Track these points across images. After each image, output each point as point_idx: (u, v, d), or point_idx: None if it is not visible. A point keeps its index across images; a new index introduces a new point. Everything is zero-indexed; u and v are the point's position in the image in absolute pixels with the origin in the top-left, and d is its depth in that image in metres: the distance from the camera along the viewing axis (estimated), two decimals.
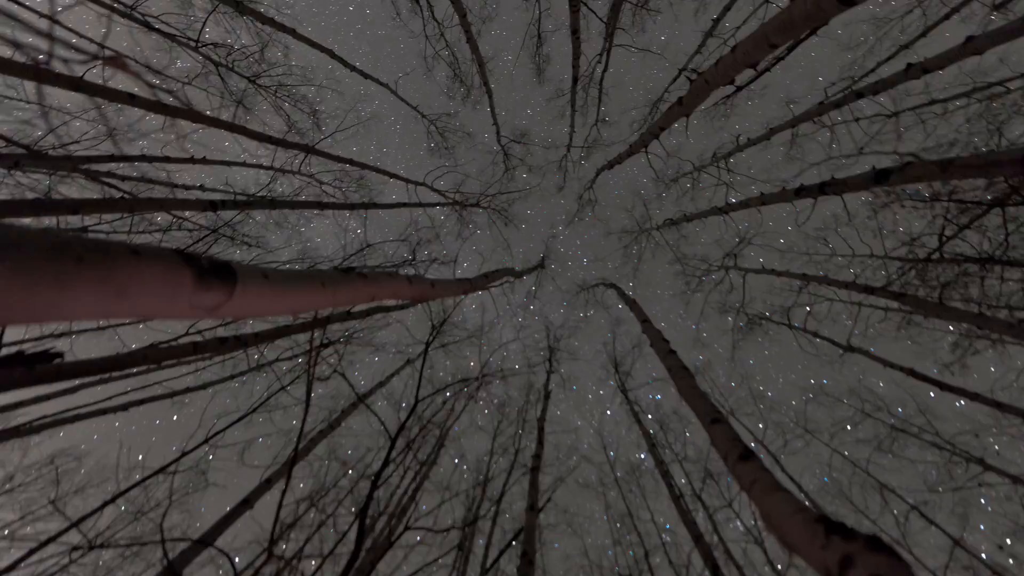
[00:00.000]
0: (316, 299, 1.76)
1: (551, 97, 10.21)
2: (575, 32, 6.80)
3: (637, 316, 5.44)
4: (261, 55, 8.77)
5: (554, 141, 11.40)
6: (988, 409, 9.34)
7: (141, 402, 9.08)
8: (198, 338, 4.74)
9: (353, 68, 8.45)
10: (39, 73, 4.51)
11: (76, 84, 4.81)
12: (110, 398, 8.81)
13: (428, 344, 4.79)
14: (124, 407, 8.81)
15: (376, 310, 7.03)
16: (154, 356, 3.66)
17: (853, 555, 1.33)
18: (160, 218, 9.33)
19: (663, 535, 10.67)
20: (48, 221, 8.79)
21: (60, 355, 4.08)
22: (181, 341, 4.15)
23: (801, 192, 5.67)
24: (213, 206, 5.33)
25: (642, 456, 11.97)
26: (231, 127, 6.41)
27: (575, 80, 7.60)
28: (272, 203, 6.20)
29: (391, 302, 7.77)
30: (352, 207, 7.86)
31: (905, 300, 6.08)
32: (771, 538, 10.42)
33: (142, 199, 4.68)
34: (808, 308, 10.59)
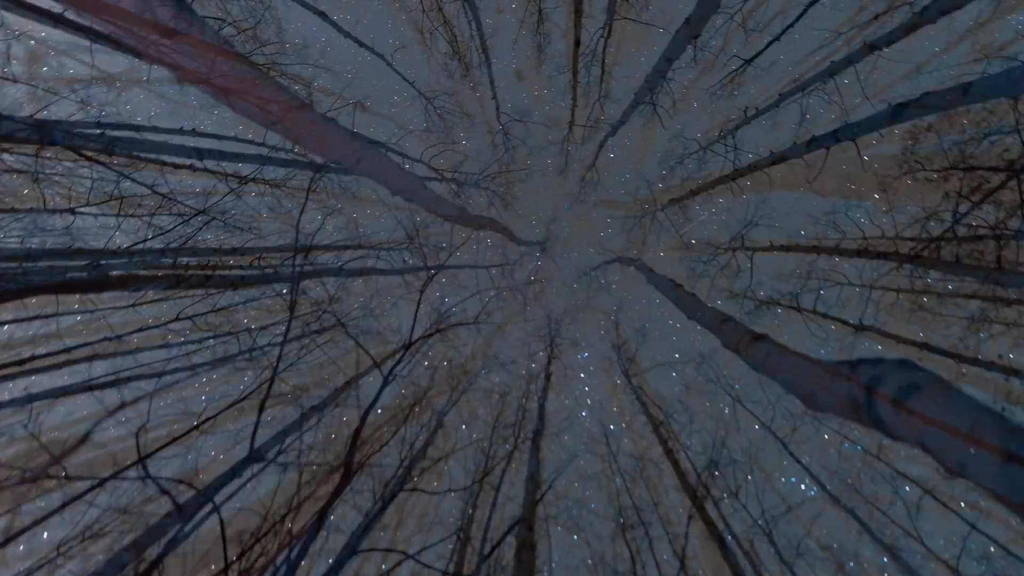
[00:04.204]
0: (260, 86, 1.53)
1: (553, 75, 10.07)
2: None
3: (641, 271, 5.22)
4: (254, 32, 8.60)
5: (555, 122, 11.24)
6: (1001, 396, 9.03)
7: (128, 380, 8.82)
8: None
9: (347, 34, 8.30)
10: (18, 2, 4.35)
11: (57, 19, 4.64)
12: (97, 378, 8.58)
13: (422, 291, 4.56)
14: (112, 384, 8.57)
15: (369, 271, 6.79)
16: (132, 280, 3.46)
17: (881, 375, 1.16)
18: (147, 200, 9.14)
19: (668, 529, 10.34)
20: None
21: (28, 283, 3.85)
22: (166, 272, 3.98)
23: (813, 143, 5.43)
24: (199, 154, 5.14)
25: (646, 444, 11.65)
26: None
27: (577, 42, 7.42)
28: (263, 159, 6.03)
29: (385, 265, 7.52)
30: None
31: (922, 261, 5.82)
32: (777, 530, 10.08)
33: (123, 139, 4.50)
34: (818, 293, 10.28)
